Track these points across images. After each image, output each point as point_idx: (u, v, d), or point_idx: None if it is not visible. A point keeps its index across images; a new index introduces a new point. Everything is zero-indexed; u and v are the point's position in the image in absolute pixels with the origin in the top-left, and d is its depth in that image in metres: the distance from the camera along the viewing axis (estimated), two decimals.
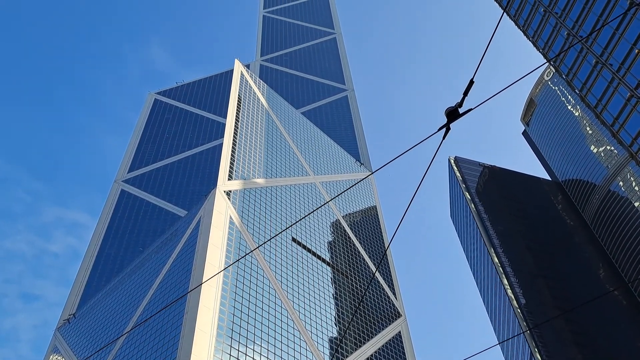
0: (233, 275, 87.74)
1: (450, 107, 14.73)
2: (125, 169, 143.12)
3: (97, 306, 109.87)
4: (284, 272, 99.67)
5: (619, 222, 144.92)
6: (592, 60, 69.35)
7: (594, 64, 69.06)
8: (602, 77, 67.79)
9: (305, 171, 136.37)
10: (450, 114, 14.74)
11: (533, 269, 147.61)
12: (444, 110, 15.18)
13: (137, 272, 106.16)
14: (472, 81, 14.58)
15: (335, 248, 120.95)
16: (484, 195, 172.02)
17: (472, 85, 14.54)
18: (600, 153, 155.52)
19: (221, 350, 75.06)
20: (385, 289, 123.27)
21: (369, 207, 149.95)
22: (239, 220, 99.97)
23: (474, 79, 14.89)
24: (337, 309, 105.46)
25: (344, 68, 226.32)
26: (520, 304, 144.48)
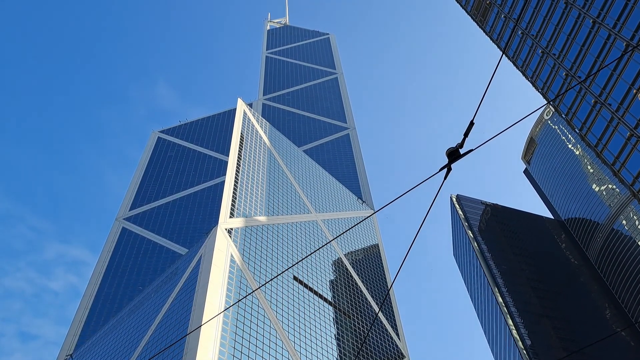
0: (233, 315, 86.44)
1: (451, 148, 14.82)
2: (127, 207, 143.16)
3: (95, 347, 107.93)
4: (285, 311, 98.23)
5: (624, 261, 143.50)
6: (591, 100, 70.13)
7: (593, 103, 69.79)
8: (602, 116, 68.40)
9: (307, 209, 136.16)
10: (451, 154, 14.81)
11: (538, 309, 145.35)
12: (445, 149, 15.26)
13: (136, 312, 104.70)
14: (472, 123, 14.71)
15: (337, 287, 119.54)
16: (486, 234, 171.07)
17: (472, 126, 14.67)
18: (602, 192, 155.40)
19: None
20: (388, 329, 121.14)
21: (371, 245, 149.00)
22: (240, 259, 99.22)
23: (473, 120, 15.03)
24: (340, 349, 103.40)
25: (345, 107, 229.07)
26: (526, 345, 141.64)
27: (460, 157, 14.69)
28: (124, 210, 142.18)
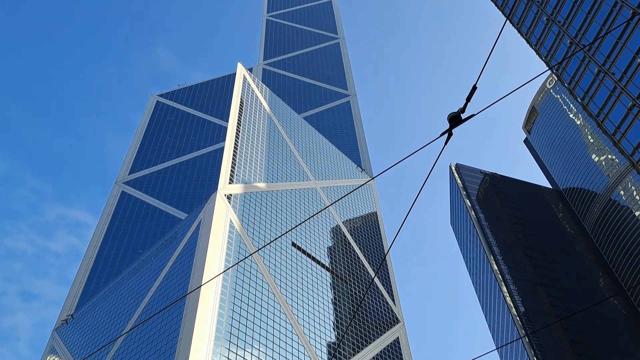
0: (232, 278, 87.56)
1: (452, 113, 14.73)
2: (126, 171, 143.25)
3: (96, 307, 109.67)
4: (283, 276, 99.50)
5: (620, 231, 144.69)
6: (594, 69, 69.45)
7: (596, 72, 69.14)
8: (605, 85, 67.85)
9: (306, 176, 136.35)
10: (453, 119, 14.74)
11: (533, 277, 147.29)
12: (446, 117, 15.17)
13: (136, 274, 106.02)
14: (475, 87, 14.58)
15: (334, 253, 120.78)
16: (484, 203, 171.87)
17: (474, 91, 14.55)
18: (602, 162, 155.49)
19: (219, 353, 74.82)
20: (384, 295, 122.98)
21: (369, 213, 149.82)
22: (239, 224, 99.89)
23: (476, 84, 14.89)
24: (336, 313, 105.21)
25: (346, 73, 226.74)
26: (520, 312, 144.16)
27: (462, 122, 14.62)
28: (124, 173, 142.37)
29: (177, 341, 75.62)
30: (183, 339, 74.44)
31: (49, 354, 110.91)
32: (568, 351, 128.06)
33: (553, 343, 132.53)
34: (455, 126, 14.73)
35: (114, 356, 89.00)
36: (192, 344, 72.02)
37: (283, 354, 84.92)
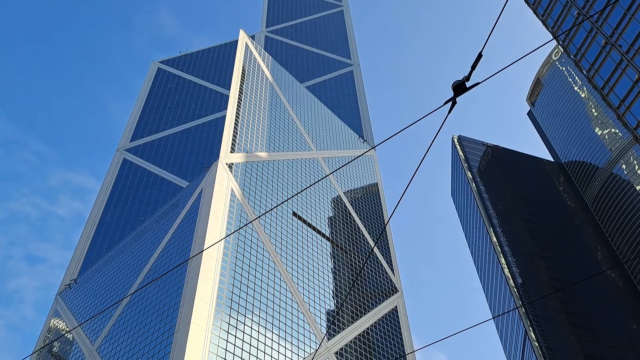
0: (233, 247, 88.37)
1: (457, 81, 14.60)
2: (128, 138, 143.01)
3: (99, 272, 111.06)
4: (284, 245, 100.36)
5: (620, 205, 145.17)
6: (601, 41, 68.51)
7: (603, 44, 68.24)
8: (611, 58, 67.07)
9: (307, 146, 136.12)
10: (457, 87, 14.61)
11: (531, 249, 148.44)
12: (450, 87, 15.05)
13: (138, 241, 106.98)
14: (481, 54, 14.42)
15: (335, 223, 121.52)
16: (485, 175, 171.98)
17: (480, 58, 14.39)
18: (605, 135, 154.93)
19: (220, 319, 76.07)
20: (383, 265, 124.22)
21: (370, 184, 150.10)
22: (240, 193, 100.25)
23: (482, 53, 14.73)
24: (335, 282, 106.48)
25: (350, 42, 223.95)
26: (517, 283, 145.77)
27: (467, 91, 14.51)
28: (125, 141, 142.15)
29: (179, 307, 76.80)
30: (185, 305, 75.58)
31: (53, 317, 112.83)
32: (564, 322, 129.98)
33: (549, 314, 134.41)
34: (460, 94, 14.62)
35: (117, 320, 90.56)
36: (193, 309, 73.15)
37: (283, 321, 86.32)
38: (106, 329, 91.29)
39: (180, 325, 73.05)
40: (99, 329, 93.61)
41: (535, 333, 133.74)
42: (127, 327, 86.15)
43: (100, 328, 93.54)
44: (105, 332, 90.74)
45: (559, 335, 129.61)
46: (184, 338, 70.00)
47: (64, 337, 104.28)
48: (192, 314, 72.59)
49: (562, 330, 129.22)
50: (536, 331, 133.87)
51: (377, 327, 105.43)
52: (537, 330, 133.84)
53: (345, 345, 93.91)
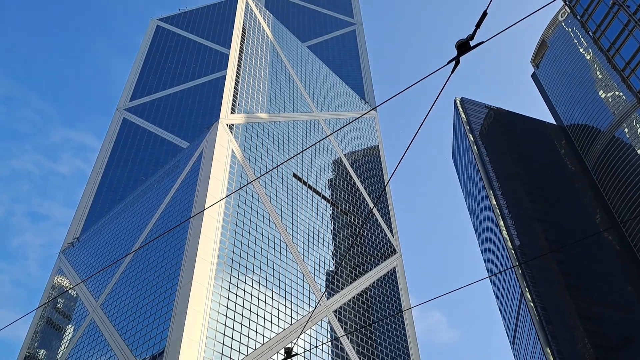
0: (234, 207, 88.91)
1: (461, 40, 14.33)
2: (128, 97, 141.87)
3: (101, 231, 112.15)
4: (284, 206, 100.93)
5: (620, 169, 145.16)
6: (609, 2, 67.04)
7: (611, 5, 66.79)
8: (618, 19, 65.76)
9: (308, 107, 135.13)
10: (461, 46, 14.35)
11: (530, 212, 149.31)
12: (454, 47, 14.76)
13: (139, 201, 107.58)
14: (485, 13, 14.10)
15: (335, 185, 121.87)
16: (487, 138, 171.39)
17: (484, 17, 14.08)
18: (608, 98, 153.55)
19: (221, 278, 77.25)
20: (382, 226, 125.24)
21: (371, 146, 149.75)
22: (240, 155, 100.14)
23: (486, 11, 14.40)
24: (335, 244, 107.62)
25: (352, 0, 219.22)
26: (515, 245, 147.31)
27: (470, 50, 14.24)
28: (125, 100, 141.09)
29: (181, 265, 77.88)
30: (186, 264, 76.62)
31: (57, 275, 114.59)
32: (560, 283, 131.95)
33: (546, 275, 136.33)
34: (464, 53, 14.36)
35: (119, 278, 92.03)
36: (195, 268, 74.20)
37: (282, 280, 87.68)
38: (109, 287, 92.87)
39: (182, 283, 74.23)
40: (102, 287, 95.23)
41: (531, 294, 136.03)
42: (130, 284, 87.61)
43: (103, 286, 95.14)
44: (109, 290, 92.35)
45: (555, 296, 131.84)
46: (186, 296, 71.25)
47: (68, 294, 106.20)
48: (193, 272, 73.66)
49: (558, 291, 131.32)
50: (532, 292, 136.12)
51: (375, 287, 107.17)
52: (532, 291, 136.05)
53: (344, 304, 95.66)
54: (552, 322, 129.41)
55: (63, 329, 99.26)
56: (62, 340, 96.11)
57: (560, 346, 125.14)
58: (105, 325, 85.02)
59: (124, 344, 77.07)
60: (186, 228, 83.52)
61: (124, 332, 79.46)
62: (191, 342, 66.88)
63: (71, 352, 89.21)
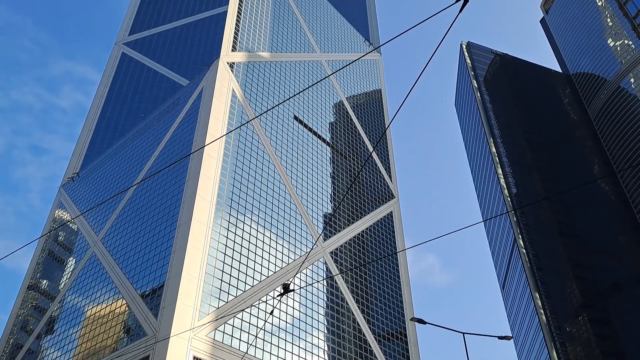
0: (234, 148, 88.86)
1: None
2: (126, 31, 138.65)
3: (101, 167, 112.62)
4: (284, 148, 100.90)
5: (623, 120, 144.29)
6: None
7: None
8: None
9: (312, 48, 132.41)
10: None
11: (529, 161, 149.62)
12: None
13: (139, 138, 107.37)
14: None
15: (336, 129, 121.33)
16: (491, 84, 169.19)
17: None
18: (617, 47, 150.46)
19: (220, 217, 78.28)
20: (381, 171, 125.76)
21: (373, 90, 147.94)
22: (241, 94, 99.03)
23: None
24: (334, 187, 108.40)
25: None
26: (511, 193, 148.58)
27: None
28: (123, 34, 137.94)
29: (180, 203, 78.71)
30: (186, 202, 77.42)
31: (57, 209, 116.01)
32: (554, 231, 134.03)
33: (540, 223, 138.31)
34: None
35: (119, 214, 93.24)
36: (194, 206, 75.03)
37: (281, 221, 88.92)
38: (110, 222, 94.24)
39: (182, 220, 75.29)
40: (102, 222, 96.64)
41: (523, 240, 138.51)
42: (130, 220, 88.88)
43: (104, 221, 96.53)
44: (109, 225, 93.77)
45: (547, 243, 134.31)
46: (186, 233, 72.45)
47: (69, 228, 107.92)
48: (193, 210, 74.55)
49: (551, 239, 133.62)
50: (525, 239, 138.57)
51: (372, 231, 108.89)
52: (526, 238, 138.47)
53: (340, 246, 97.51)
54: (542, 268, 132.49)
55: (65, 261, 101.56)
56: (64, 272, 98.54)
57: (549, 291, 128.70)
58: (106, 258, 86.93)
59: (125, 277, 79.08)
60: (186, 167, 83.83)
61: (125, 266, 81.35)
62: (190, 278, 68.62)
63: (73, 283, 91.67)
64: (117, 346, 71.24)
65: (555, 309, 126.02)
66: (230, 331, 69.33)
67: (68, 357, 78.61)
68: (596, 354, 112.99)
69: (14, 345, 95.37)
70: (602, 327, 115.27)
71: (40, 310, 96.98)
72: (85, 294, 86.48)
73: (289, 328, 77.59)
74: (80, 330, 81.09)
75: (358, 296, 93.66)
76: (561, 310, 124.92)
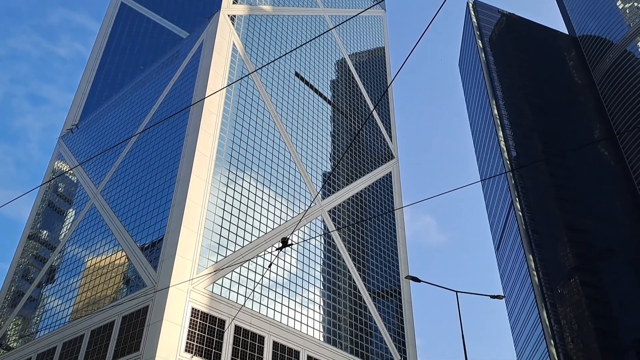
0: (234, 104, 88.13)
1: None
2: None
3: (100, 119, 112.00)
4: (284, 105, 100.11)
5: (628, 84, 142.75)
6: None
7: None
8: None
9: (315, 2, 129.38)
10: None
11: (531, 124, 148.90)
12: None
13: (138, 91, 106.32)
14: None
15: (337, 87, 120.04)
16: (496, 45, 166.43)
17: None
18: (626, 9, 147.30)
19: (219, 172, 78.44)
20: (382, 131, 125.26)
21: (377, 47, 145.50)
22: (242, 48, 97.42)
23: None
24: (333, 146, 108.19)
25: None
26: (511, 156, 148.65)
27: None
28: None
29: (179, 158, 78.69)
30: (185, 157, 77.39)
31: (56, 160, 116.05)
32: (551, 195, 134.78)
33: (538, 186, 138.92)
34: None
35: (119, 167, 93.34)
36: (194, 161, 75.05)
37: (280, 179, 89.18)
38: (109, 174, 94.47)
39: (181, 175, 75.48)
40: (102, 174, 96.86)
41: (520, 203, 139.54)
42: (129, 174, 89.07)
43: (103, 173, 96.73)
44: (108, 177, 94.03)
45: (544, 207, 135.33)
46: (185, 188, 72.77)
47: (68, 180, 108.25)
48: (192, 166, 74.62)
49: (548, 202, 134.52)
50: (522, 201, 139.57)
51: (370, 191, 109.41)
52: (523, 200, 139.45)
53: (339, 204, 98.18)
54: (538, 231, 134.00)
55: (64, 213, 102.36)
56: (64, 223, 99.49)
57: (542, 254, 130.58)
58: (106, 210, 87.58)
59: (124, 230, 79.91)
60: (185, 122, 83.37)
61: (124, 219, 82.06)
62: (189, 232, 69.37)
63: (73, 234, 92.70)
64: (116, 296, 72.71)
65: (548, 271, 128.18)
66: (228, 285, 70.65)
67: (69, 306, 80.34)
68: (586, 315, 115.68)
69: (15, 293, 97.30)
70: (593, 290, 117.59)
71: (41, 260, 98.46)
72: (85, 244, 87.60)
73: (285, 283, 79.06)
74: (81, 280, 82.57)
75: (354, 254, 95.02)
76: (554, 273, 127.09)
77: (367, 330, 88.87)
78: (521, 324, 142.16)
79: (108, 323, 68.85)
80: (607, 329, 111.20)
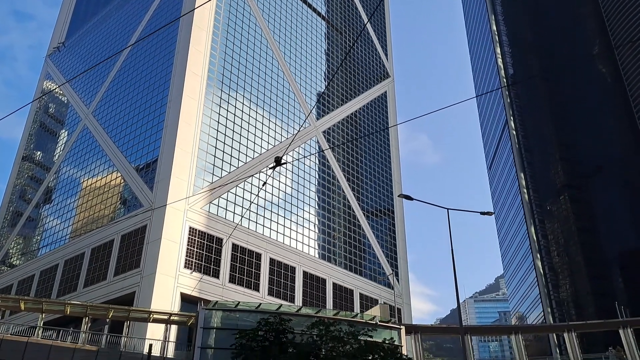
0: (224, 20, 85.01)
1: None
2: None
3: (86, 36, 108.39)
4: (277, 22, 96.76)
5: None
6: None
7: None
8: None
9: None
10: None
11: (529, 40, 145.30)
12: None
13: (125, 6, 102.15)
14: None
15: (332, 1, 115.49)
16: None
17: None
18: None
19: (212, 92, 77.19)
20: (377, 48, 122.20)
21: None
22: None
23: None
24: (328, 64, 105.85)
25: None
26: (508, 74, 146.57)
27: None
28: None
29: (170, 77, 77.09)
30: (176, 77, 75.78)
31: (45, 80, 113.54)
32: (545, 112, 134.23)
33: (532, 104, 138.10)
34: None
35: (109, 87, 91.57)
36: (185, 81, 73.61)
37: (274, 99, 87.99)
38: (99, 94, 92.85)
39: (173, 96, 74.30)
40: (92, 94, 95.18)
41: (515, 121, 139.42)
42: (120, 94, 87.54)
43: (93, 93, 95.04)
44: (99, 97, 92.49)
45: (538, 125, 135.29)
46: (177, 108, 71.90)
47: (59, 100, 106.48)
48: (183, 86, 73.28)
49: (542, 121, 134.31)
50: (516, 120, 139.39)
51: (365, 111, 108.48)
52: (517, 118, 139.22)
53: (333, 125, 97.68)
54: (531, 149, 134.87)
55: (57, 134, 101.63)
56: (57, 144, 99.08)
57: (534, 171, 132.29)
58: (98, 131, 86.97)
59: (118, 151, 79.80)
60: (174, 39, 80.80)
61: (117, 140, 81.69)
62: (184, 153, 69.43)
63: (67, 155, 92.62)
64: (114, 216, 73.95)
65: (539, 189, 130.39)
66: (225, 204, 71.77)
67: (67, 225, 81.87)
68: (572, 230, 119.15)
69: (14, 213, 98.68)
70: (581, 206, 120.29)
71: (37, 181, 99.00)
72: (79, 165, 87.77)
73: (281, 203, 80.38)
74: (78, 200, 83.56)
75: (349, 174, 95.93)
76: (544, 190, 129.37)
77: (361, 247, 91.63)
78: (509, 239, 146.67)
79: (108, 241, 70.52)
80: (592, 243, 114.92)
